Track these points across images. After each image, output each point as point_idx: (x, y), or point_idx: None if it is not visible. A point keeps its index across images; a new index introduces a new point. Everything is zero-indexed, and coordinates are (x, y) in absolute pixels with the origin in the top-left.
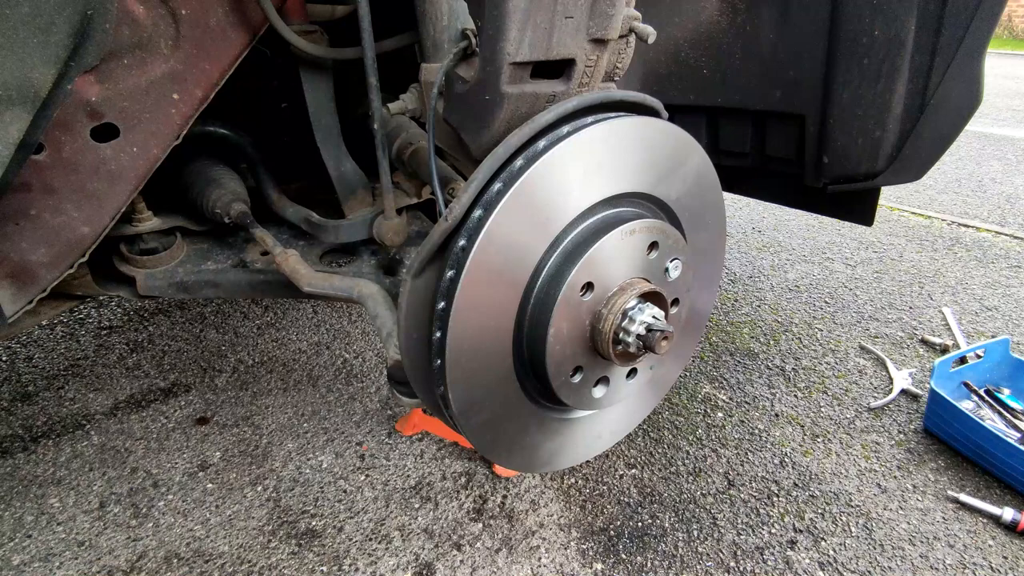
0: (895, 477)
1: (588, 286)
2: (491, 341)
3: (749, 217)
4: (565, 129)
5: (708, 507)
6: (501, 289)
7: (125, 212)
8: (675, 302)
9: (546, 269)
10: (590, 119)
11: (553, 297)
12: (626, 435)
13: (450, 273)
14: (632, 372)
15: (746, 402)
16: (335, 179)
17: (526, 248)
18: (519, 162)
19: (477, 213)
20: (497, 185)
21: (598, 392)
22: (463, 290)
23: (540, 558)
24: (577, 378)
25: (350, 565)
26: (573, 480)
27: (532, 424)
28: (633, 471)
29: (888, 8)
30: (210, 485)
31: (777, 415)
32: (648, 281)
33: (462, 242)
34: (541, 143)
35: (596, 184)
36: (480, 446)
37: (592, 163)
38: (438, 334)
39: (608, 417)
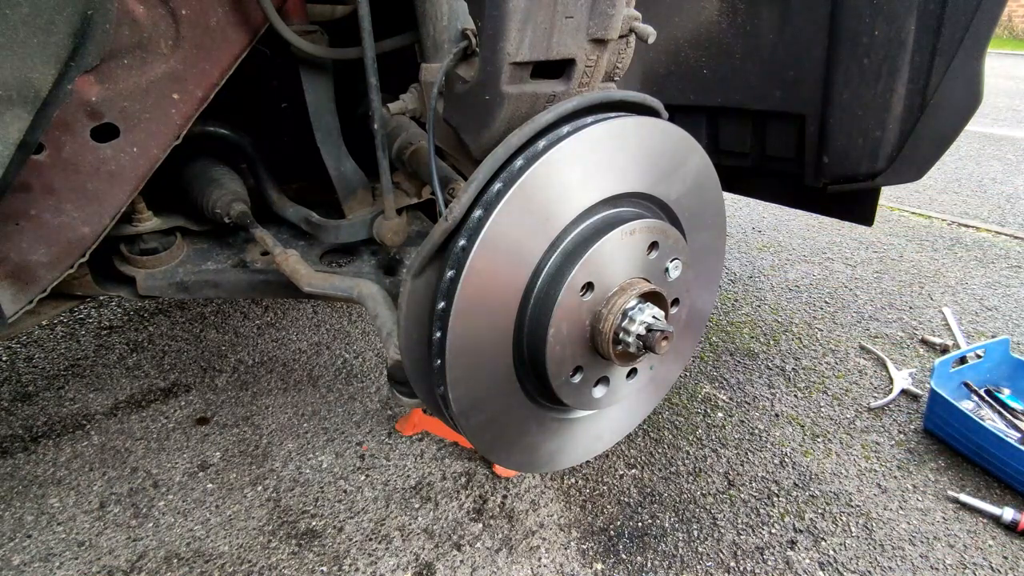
0: (895, 477)
1: (588, 286)
2: (491, 341)
3: (749, 217)
4: (565, 129)
5: (708, 507)
6: (501, 289)
7: (125, 212)
8: (675, 302)
9: (546, 269)
10: (590, 119)
11: (553, 297)
12: (626, 435)
13: (450, 273)
14: (632, 372)
15: (746, 402)
16: (335, 179)
17: (526, 248)
18: (519, 162)
19: (477, 213)
20: (497, 185)
21: (598, 392)
22: (463, 290)
23: (540, 558)
24: (577, 378)
25: (350, 565)
26: (573, 480)
27: (532, 424)
28: (633, 471)
29: (888, 8)
30: (210, 485)
31: (777, 415)
32: (648, 281)
33: (462, 242)
34: (541, 143)
35: (596, 184)
36: (480, 446)
37: (592, 163)
38: (438, 334)
39: (608, 417)
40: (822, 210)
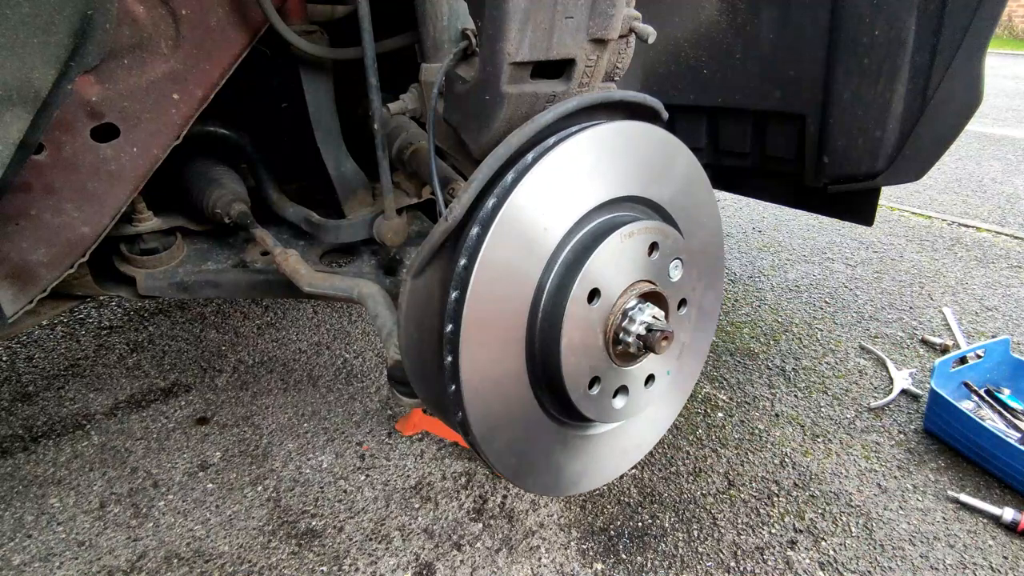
0: (895, 477)
1: (595, 292)
2: (503, 358)
3: (749, 217)
4: (568, 130)
5: (708, 507)
6: (509, 300)
7: (125, 212)
8: (683, 302)
9: (552, 277)
10: (593, 121)
11: (561, 306)
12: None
13: (455, 294)
14: (650, 379)
15: (746, 402)
16: (335, 179)
17: (527, 253)
18: (511, 176)
19: (475, 230)
20: (491, 200)
21: (618, 403)
22: (469, 310)
23: (540, 558)
24: (595, 389)
25: (350, 565)
26: None
27: (555, 444)
28: (633, 471)
29: (888, 8)
30: (210, 485)
31: (777, 415)
32: (651, 283)
33: (463, 261)
34: (529, 156)
35: (595, 186)
36: (505, 471)
37: (591, 164)
38: (449, 358)
39: (632, 430)
40: (822, 210)
